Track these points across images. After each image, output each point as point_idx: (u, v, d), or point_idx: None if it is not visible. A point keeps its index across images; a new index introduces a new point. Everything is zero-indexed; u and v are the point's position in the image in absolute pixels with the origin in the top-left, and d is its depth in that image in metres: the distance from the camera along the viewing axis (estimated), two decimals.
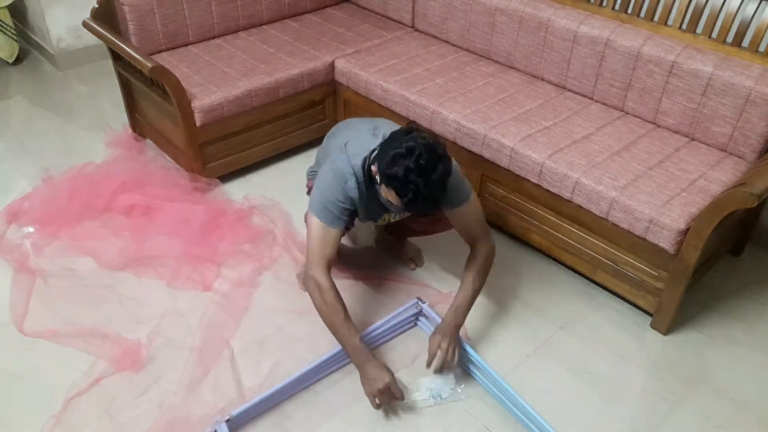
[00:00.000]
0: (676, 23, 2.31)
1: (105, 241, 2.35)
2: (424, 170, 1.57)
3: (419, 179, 1.57)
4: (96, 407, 1.78)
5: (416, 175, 1.56)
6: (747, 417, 1.83)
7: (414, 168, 1.57)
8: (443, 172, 1.61)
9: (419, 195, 1.58)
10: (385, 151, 1.64)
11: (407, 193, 1.59)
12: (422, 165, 1.57)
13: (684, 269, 1.91)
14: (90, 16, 2.69)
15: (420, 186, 1.57)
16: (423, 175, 1.57)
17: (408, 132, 1.65)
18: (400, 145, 1.60)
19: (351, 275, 2.24)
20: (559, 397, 1.86)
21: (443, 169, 1.61)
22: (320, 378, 1.87)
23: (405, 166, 1.57)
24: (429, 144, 1.60)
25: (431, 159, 1.58)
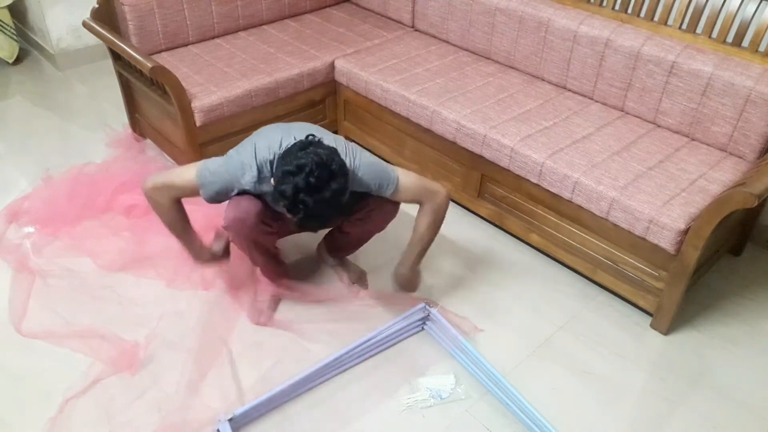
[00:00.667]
0: (676, 23, 2.31)
1: (105, 241, 2.36)
2: (314, 189, 1.53)
3: (308, 198, 1.53)
4: (94, 409, 1.78)
5: (305, 194, 1.53)
6: (747, 417, 1.83)
7: (303, 186, 1.53)
8: (336, 190, 1.56)
9: (310, 214, 1.55)
10: (280, 165, 1.61)
11: (297, 212, 1.56)
12: (312, 183, 1.52)
13: (684, 269, 1.91)
14: (90, 16, 2.69)
15: (309, 205, 1.54)
16: (313, 193, 1.53)
17: (303, 147, 1.60)
18: (291, 161, 1.56)
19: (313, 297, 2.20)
20: (559, 396, 1.86)
21: (337, 187, 1.56)
22: (324, 380, 1.87)
23: (294, 184, 1.53)
24: (322, 160, 1.55)
25: (322, 177, 1.53)
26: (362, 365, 1.93)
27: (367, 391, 1.85)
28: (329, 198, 1.56)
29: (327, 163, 1.56)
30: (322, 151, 1.59)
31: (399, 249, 2.07)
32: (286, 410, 1.79)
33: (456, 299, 2.17)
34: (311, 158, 1.55)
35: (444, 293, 2.19)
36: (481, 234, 2.49)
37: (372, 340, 1.91)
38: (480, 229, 2.52)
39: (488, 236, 2.48)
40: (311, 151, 1.58)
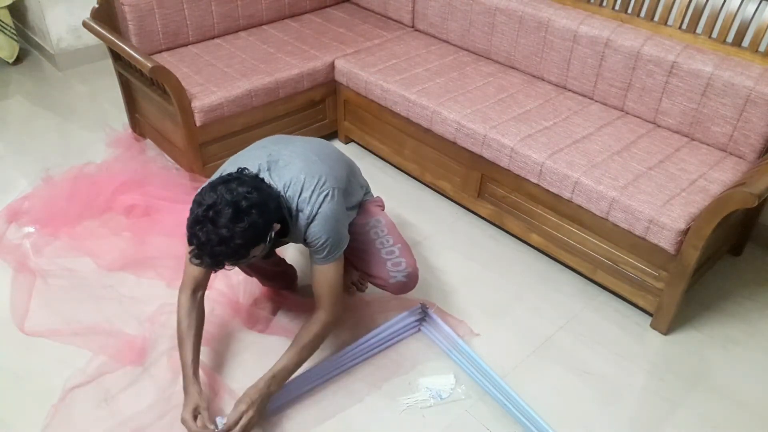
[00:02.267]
0: (676, 23, 2.31)
1: (105, 241, 2.36)
2: (211, 222, 1.45)
3: (201, 232, 1.46)
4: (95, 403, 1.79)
5: (199, 227, 1.46)
6: (747, 417, 1.83)
7: (200, 218, 1.46)
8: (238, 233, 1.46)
9: (201, 247, 1.47)
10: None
11: (192, 241, 1.49)
12: (210, 217, 1.45)
13: (684, 269, 1.91)
14: (90, 16, 2.69)
15: (201, 240, 1.46)
16: (207, 227, 1.45)
17: (227, 179, 1.52)
18: (205, 191, 1.50)
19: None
20: (558, 396, 1.86)
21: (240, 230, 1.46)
22: (321, 382, 1.86)
23: (194, 215, 1.48)
24: (228, 199, 1.46)
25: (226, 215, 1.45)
26: (362, 365, 1.93)
27: (366, 391, 1.85)
28: (226, 237, 1.45)
29: (233, 201, 1.47)
30: (241, 189, 1.49)
31: None
32: (285, 411, 1.79)
33: (456, 299, 2.17)
34: (220, 192, 1.48)
35: (444, 293, 2.19)
36: (481, 234, 2.49)
37: (368, 342, 1.91)
38: (480, 229, 2.52)
39: (488, 236, 2.48)
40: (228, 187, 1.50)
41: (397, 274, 1.87)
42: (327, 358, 1.85)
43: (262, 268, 1.99)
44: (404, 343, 2.01)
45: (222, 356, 1.94)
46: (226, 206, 1.46)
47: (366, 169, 2.80)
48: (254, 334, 2.02)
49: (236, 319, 2.06)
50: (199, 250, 1.49)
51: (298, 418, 1.78)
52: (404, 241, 1.93)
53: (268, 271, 2.03)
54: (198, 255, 1.51)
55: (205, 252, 1.48)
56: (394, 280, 1.88)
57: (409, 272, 1.88)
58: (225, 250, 1.47)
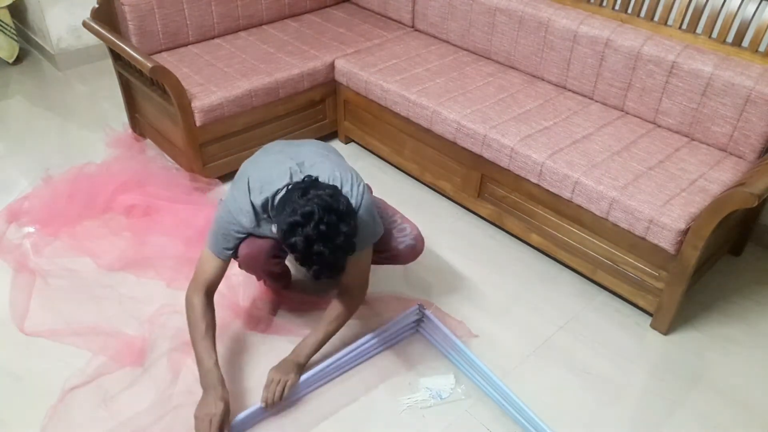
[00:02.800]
0: (676, 23, 2.31)
1: (105, 241, 2.36)
2: (327, 237, 1.42)
3: (323, 248, 1.42)
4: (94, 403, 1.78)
5: (320, 245, 1.42)
6: (747, 417, 1.82)
7: (314, 236, 1.42)
8: (348, 232, 1.46)
9: (325, 264, 1.45)
10: (282, 214, 1.50)
11: (311, 264, 1.46)
12: (323, 231, 1.42)
13: (684, 269, 1.91)
14: (90, 16, 2.69)
15: (325, 254, 1.43)
16: (326, 241, 1.42)
17: (304, 191, 1.48)
18: (295, 210, 1.44)
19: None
20: (558, 396, 1.86)
21: (348, 229, 1.46)
22: (319, 386, 1.86)
23: (305, 236, 1.42)
24: (328, 204, 1.44)
25: (332, 222, 1.42)
26: (362, 365, 1.93)
27: (366, 391, 1.85)
28: (343, 242, 1.45)
29: (333, 206, 1.45)
30: (325, 192, 1.47)
31: None
32: (285, 412, 1.79)
33: (456, 299, 2.17)
34: (316, 203, 1.43)
35: (443, 293, 2.19)
36: (481, 234, 2.49)
37: (365, 345, 1.90)
38: (480, 229, 2.52)
39: (488, 236, 2.48)
40: (313, 195, 1.46)
41: (405, 238, 1.91)
42: (325, 361, 1.84)
43: (272, 270, 1.98)
44: (404, 343, 2.01)
45: (223, 358, 1.94)
46: (327, 214, 1.43)
47: (366, 169, 2.82)
48: (255, 335, 2.02)
49: (236, 321, 2.06)
50: (321, 266, 1.46)
51: (298, 418, 1.78)
52: (399, 211, 1.99)
53: (275, 272, 2.02)
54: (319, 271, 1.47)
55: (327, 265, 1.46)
56: (403, 245, 1.91)
57: (414, 234, 1.93)
58: (344, 254, 1.49)
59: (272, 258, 1.84)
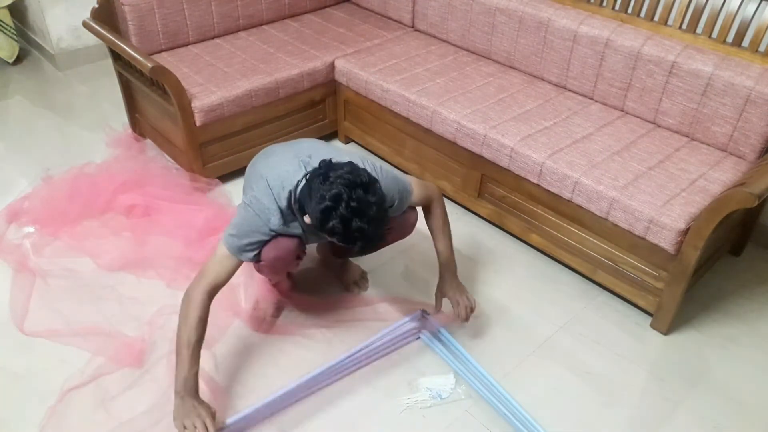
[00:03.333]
0: (676, 23, 2.31)
1: (105, 241, 2.36)
2: (360, 212, 1.47)
3: (361, 223, 1.47)
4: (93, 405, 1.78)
5: (357, 221, 1.47)
6: (747, 417, 1.82)
7: (349, 215, 1.46)
8: (378, 201, 1.51)
9: (367, 237, 1.50)
10: (310, 204, 1.54)
11: (355, 241, 1.50)
12: (355, 207, 1.46)
13: (684, 269, 1.91)
14: (90, 16, 2.69)
15: (365, 229, 1.48)
16: (361, 216, 1.47)
17: (325, 177, 1.51)
18: (323, 197, 1.48)
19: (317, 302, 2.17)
20: (558, 396, 1.86)
21: (376, 198, 1.51)
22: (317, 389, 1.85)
23: (340, 217, 1.47)
24: (351, 180, 1.48)
25: (360, 197, 1.47)
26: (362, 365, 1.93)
27: (367, 392, 1.85)
28: (376, 213, 1.51)
29: (356, 181, 1.49)
30: (343, 171, 1.52)
31: (398, 248, 2.07)
32: (285, 412, 1.79)
33: None
34: (339, 184, 1.48)
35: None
36: (481, 234, 2.49)
37: (367, 349, 1.89)
38: (480, 229, 2.52)
39: (488, 236, 2.48)
40: (334, 177, 1.50)
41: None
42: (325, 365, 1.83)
43: (290, 271, 1.97)
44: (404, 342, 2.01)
45: (224, 358, 1.94)
46: (354, 190, 1.48)
47: None
48: (256, 336, 2.02)
49: (237, 321, 2.06)
50: (365, 240, 1.51)
51: (298, 418, 1.78)
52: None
53: (291, 273, 2.00)
54: (364, 246, 1.53)
55: (369, 238, 1.51)
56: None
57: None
58: (381, 225, 1.54)
59: (296, 259, 1.83)
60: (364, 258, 2.30)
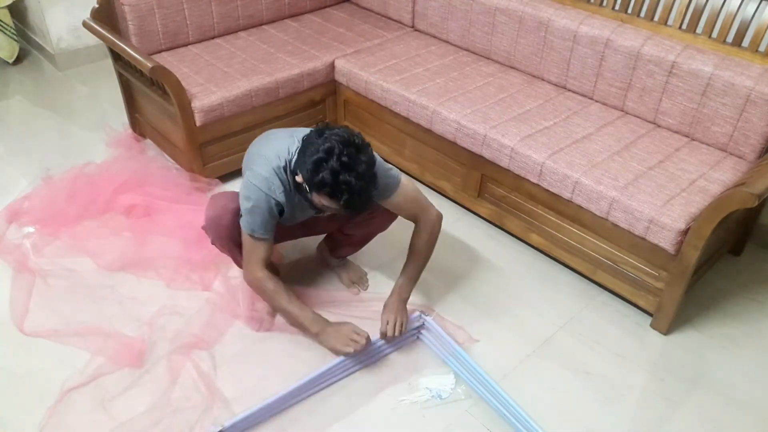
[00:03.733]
0: (676, 23, 2.31)
1: (105, 241, 2.35)
2: (349, 166, 1.56)
3: (349, 177, 1.56)
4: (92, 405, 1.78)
5: (346, 174, 1.56)
6: (747, 417, 1.83)
7: (339, 168, 1.55)
8: (368, 161, 1.61)
9: (354, 191, 1.58)
10: (304, 159, 1.63)
11: (342, 194, 1.58)
12: (345, 162, 1.56)
13: (684, 269, 1.91)
14: (90, 16, 2.69)
15: (352, 182, 1.56)
16: (350, 171, 1.56)
17: (320, 133, 1.63)
18: (317, 149, 1.58)
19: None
20: (559, 397, 1.86)
21: (367, 158, 1.61)
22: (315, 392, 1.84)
23: (330, 169, 1.56)
24: (345, 138, 1.59)
25: (351, 153, 1.57)
26: None
27: (366, 391, 1.85)
28: (365, 171, 1.59)
29: (350, 140, 1.59)
30: (339, 130, 1.62)
31: (399, 249, 2.07)
32: (285, 412, 1.79)
33: (455, 299, 2.17)
34: (334, 140, 1.58)
35: (443, 293, 2.19)
36: (481, 234, 2.49)
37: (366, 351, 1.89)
38: (480, 229, 2.52)
39: (488, 236, 2.48)
40: (329, 134, 1.60)
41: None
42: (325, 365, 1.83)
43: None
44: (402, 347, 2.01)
45: (223, 358, 1.94)
46: (347, 147, 1.57)
47: None
48: (254, 336, 2.02)
49: (236, 322, 2.06)
50: (350, 194, 1.57)
51: (298, 418, 1.78)
52: None
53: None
54: (349, 201, 1.59)
55: (357, 192, 1.57)
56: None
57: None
58: (370, 185, 1.63)
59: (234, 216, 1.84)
60: (364, 258, 2.30)
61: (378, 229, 2.07)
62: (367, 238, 2.14)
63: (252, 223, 1.77)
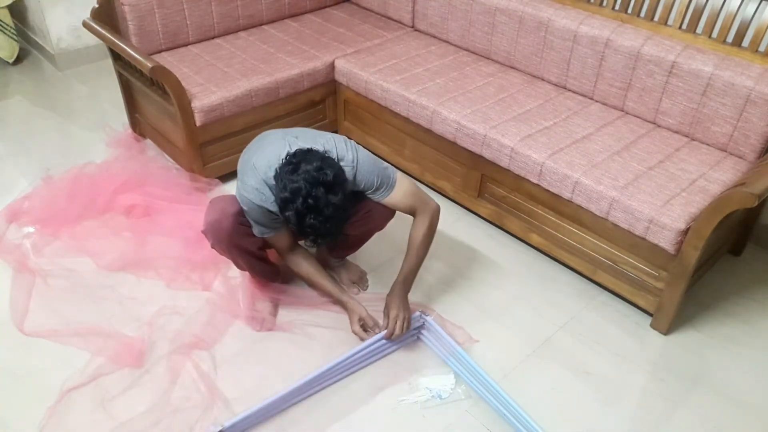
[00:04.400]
0: (676, 23, 2.31)
1: (105, 241, 2.35)
2: (316, 209, 1.55)
3: (314, 221, 1.56)
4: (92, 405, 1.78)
5: (311, 218, 1.56)
6: (747, 417, 1.82)
7: (303, 211, 1.56)
8: (337, 203, 1.58)
9: (319, 233, 1.59)
10: (277, 188, 1.63)
11: (307, 235, 1.61)
12: (311, 205, 1.55)
13: (684, 269, 1.91)
14: (90, 16, 2.69)
15: (316, 226, 1.57)
16: (316, 214, 1.56)
17: (294, 168, 1.59)
18: (285, 187, 1.58)
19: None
20: (559, 397, 1.86)
21: (337, 199, 1.58)
22: (315, 391, 1.85)
23: (295, 210, 1.56)
24: (314, 178, 1.56)
25: (319, 195, 1.55)
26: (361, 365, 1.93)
27: (366, 391, 1.85)
28: (332, 213, 1.58)
29: (320, 179, 1.56)
30: (312, 167, 1.58)
31: (398, 248, 2.07)
32: (285, 412, 1.79)
33: (455, 299, 2.17)
34: (302, 178, 1.56)
35: (443, 293, 2.19)
36: (481, 234, 2.49)
37: (366, 350, 1.89)
38: (480, 229, 2.52)
39: (488, 236, 2.48)
40: (302, 171, 1.58)
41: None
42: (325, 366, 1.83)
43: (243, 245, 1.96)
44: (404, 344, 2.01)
45: (223, 359, 1.94)
46: (314, 187, 1.55)
47: None
48: (255, 336, 2.02)
49: (236, 322, 2.06)
50: (316, 235, 1.61)
51: (298, 418, 1.78)
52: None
53: (249, 250, 2.00)
54: (315, 240, 1.65)
55: (321, 235, 1.61)
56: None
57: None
58: (337, 224, 1.61)
59: (240, 225, 1.84)
60: (363, 258, 2.30)
61: (376, 228, 2.07)
62: (365, 236, 2.14)
63: (257, 227, 1.84)
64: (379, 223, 2.03)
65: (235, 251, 1.91)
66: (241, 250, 1.91)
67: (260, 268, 2.05)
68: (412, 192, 1.89)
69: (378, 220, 2.00)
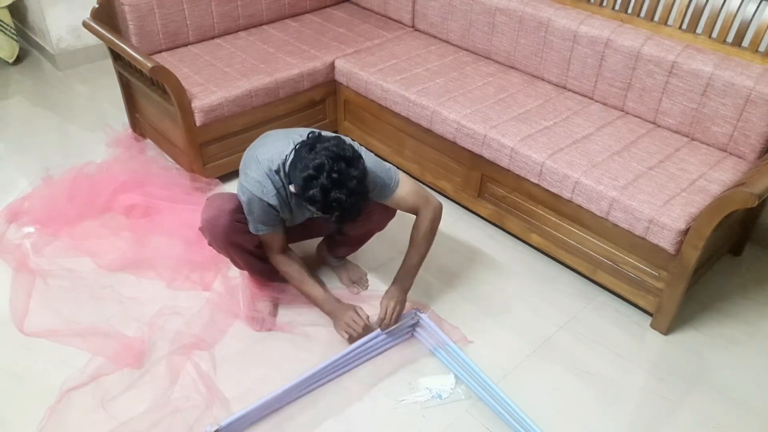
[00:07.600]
0: (676, 23, 2.31)
1: (105, 241, 2.35)
2: (340, 183, 1.56)
3: (339, 194, 1.56)
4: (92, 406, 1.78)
5: (336, 192, 1.56)
6: (747, 417, 1.83)
7: (329, 185, 1.55)
8: (359, 176, 1.60)
9: (345, 208, 1.59)
10: (295, 172, 1.63)
11: (333, 210, 1.60)
12: (336, 179, 1.55)
13: (684, 269, 1.91)
14: (90, 16, 2.69)
15: (342, 200, 1.57)
16: (341, 188, 1.56)
17: (311, 147, 1.61)
18: (307, 165, 1.58)
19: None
20: (558, 397, 1.86)
21: (358, 173, 1.60)
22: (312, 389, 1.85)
23: (320, 186, 1.56)
24: (335, 153, 1.57)
25: (342, 169, 1.56)
26: (361, 365, 1.93)
27: (366, 391, 1.85)
28: (356, 186, 1.59)
29: (341, 154, 1.58)
30: (330, 143, 1.60)
31: (399, 249, 2.07)
32: (284, 412, 1.79)
33: (455, 299, 2.17)
34: (324, 155, 1.57)
35: (443, 293, 2.19)
36: (481, 234, 2.49)
37: (360, 348, 1.89)
38: (480, 229, 2.52)
39: (488, 236, 2.48)
40: (320, 148, 1.59)
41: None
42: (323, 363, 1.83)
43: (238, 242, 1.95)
44: (404, 343, 2.01)
45: (223, 359, 1.94)
46: (336, 162, 1.56)
47: None
48: (255, 336, 2.02)
49: (236, 322, 2.06)
50: (342, 210, 1.59)
51: (298, 418, 1.78)
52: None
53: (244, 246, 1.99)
54: (341, 216, 1.61)
55: (347, 209, 1.59)
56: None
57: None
58: (362, 197, 1.63)
59: (236, 222, 1.84)
60: (363, 258, 2.30)
61: (376, 228, 2.07)
62: (366, 237, 2.14)
63: (254, 223, 1.82)
64: (379, 224, 2.03)
65: (232, 249, 1.92)
66: (237, 248, 1.92)
67: (258, 267, 2.04)
68: (415, 191, 1.89)
69: (379, 220, 2.00)
